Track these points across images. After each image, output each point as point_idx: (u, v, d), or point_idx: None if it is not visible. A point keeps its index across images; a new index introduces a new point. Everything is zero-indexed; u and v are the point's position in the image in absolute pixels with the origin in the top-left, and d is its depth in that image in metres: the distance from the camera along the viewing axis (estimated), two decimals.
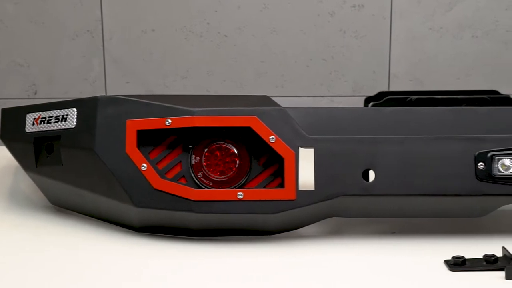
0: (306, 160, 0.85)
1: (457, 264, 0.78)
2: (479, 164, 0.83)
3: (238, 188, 0.85)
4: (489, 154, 0.83)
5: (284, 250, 0.84)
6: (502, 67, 1.72)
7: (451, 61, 1.72)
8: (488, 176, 0.83)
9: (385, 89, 1.74)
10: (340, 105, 1.72)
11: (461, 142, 0.84)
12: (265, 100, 0.89)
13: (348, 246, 0.85)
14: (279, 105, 0.87)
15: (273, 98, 1.79)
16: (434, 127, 0.86)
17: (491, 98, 1.15)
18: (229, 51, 1.71)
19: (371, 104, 1.18)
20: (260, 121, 0.84)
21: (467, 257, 0.79)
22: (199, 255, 0.83)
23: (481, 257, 0.78)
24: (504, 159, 0.83)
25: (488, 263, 0.78)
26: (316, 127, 0.86)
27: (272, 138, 0.83)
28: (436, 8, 1.70)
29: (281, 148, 0.83)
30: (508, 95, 1.20)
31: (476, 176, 0.83)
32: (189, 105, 0.85)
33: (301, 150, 0.84)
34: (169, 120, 0.84)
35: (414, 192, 0.83)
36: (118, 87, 1.72)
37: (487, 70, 1.72)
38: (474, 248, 0.82)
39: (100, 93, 1.73)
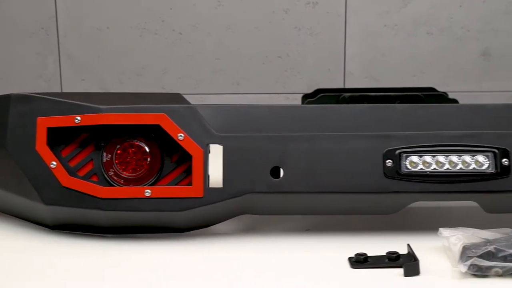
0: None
1: (359, 261, 0.78)
2: (387, 161, 0.83)
3: (150, 185, 0.85)
4: (397, 152, 0.83)
5: (195, 247, 0.84)
6: (457, 64, 1.72)
7: (407, 58, 1.72)
8: (396, 173, 0.83)
9: (340, 86, 1.74)
10: (296, 102, 1.72)
11: (369, 139, 0.83)
12: (177, 98, 0.89)
13: (259, 244, 0.85)
14: (189, 103, 0.87)
15: (229, 96, 1.80)
16: (349, 125, 0.86)
17: (424, 95, 1.15)
18: (185, 49, 1.71)
19: (306, 101, 1.18)
20: (169, 118, 0.84)
21: (374, 254, 0.79)
22: (106, 253, 0.83)
23: (385, 254, 0.78)
24: (412, 156, 0.83)
25: (390, 260, 0.78)
26: (231, 124, 0.86)
27: (181, 135, 0.83)
28: (391, 5, 1.70)
29: (190, 146, 0.83)
30: (445, 92, 1.20)
31: (384, 174, 0.83)
32: (100, 102, 0.85)
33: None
34: (79, 118, 0.84)
35: (322, 190, 0.83)
36: (73, 85, 1.72)
37: (443, 67, 1.72)
38: (382, 245, 0.82)
39: (55, 90, 1.73)
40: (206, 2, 1.69)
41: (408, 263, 0.75)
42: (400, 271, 0.75)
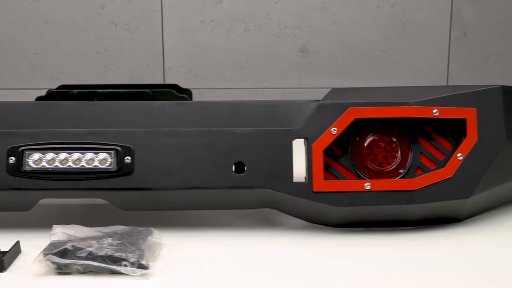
0: None
1: None
2: (10, 158, 0.83)
3: None
4: (20, 149, 0.83)
5: None
6: (276, 60, 1.72)
7: (225, 54, 1.72)
8: (18, 170, 0.83)
9: (160, 81, 1.75)
10: None
11: None
12: None
13: None
14: None
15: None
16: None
17: (154, 92, 1.14)
18: (2, 43, 1.71)
19: (36, 97, 1.18)
20: None
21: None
22: None
23: None
24: (35, 154, 0.83)
25: None
26: None
27: None
28: (207, 1, 1.70)
29: None
30: (188, 89, 1.20)
31: (7, 171, 0.83)
32: None
33: None
34: None
35: None
36: None
37: (261, 64, 1.72)
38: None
39: None
40: None
41: None
42: None
